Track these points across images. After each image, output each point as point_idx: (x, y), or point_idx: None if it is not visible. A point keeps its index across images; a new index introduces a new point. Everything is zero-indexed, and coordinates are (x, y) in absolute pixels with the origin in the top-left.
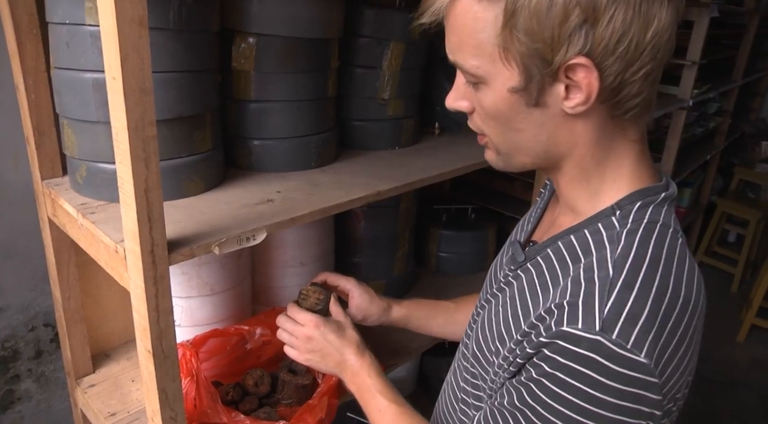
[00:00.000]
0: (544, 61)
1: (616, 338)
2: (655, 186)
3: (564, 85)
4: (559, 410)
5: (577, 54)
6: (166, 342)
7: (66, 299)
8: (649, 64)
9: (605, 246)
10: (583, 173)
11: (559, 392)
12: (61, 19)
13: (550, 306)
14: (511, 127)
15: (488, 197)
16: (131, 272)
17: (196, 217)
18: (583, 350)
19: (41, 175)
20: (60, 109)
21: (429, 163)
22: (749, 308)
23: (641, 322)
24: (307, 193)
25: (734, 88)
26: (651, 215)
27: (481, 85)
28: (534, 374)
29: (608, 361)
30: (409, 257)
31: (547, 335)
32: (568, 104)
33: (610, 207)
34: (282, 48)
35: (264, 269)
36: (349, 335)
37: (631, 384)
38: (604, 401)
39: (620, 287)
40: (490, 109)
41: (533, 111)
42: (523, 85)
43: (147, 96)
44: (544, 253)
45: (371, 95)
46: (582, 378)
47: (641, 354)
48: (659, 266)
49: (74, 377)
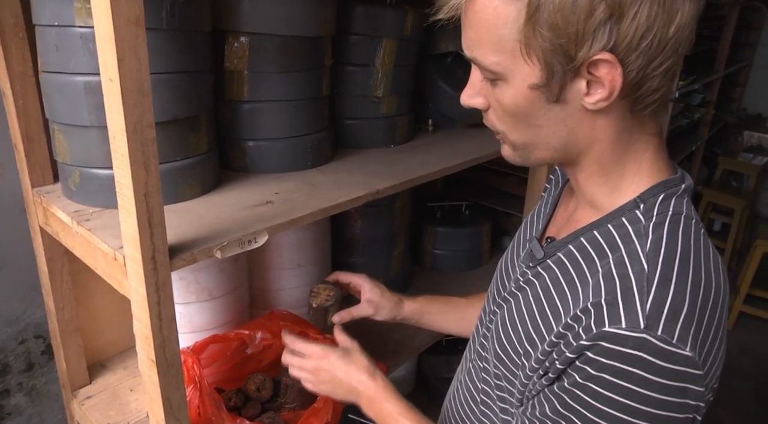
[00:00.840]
0: (567, 56)
1: (661, 335)
2: (674, 178)
3: (586, 80)
4: (607, 412)
5: (601, 50)
6: (170, 350)
7: (60, 309)
8: (670, 59)
9: (633, 240)
10: (603, 169)
11: (606, 393)
12: (49, 21)
13: (586, 306)
14: (530, 123)
15: (481, 193)
16: (132, 279)
17: (195, 221)
18: (629, 349)
19: (31, 183)
20: (50, 114)
21: (426, 160)
22: (737, 296)
23: (683, 316)
24: (306, 194)
25: (717, 79)
26: (675, 207)
27: (499, 82)
28: (578, 379)
29: (655, 357)
30: (406, 255)
31: (587, 337)
32: (590, 100)
33: (633, 201)
34: (275, 47)
35: (261, 272)
36: (357, 359)
37: (678, 379)
38: (651, 399)
39: (658, 283)
40: (509, 105)
41: (553, 107)
42: (545, 82)
43: (145, 97)
44: (565, 249)
45: (365, 93)
46: (629, 377)
47: (686, 348)
48: (690, 259)
49: (70, 388)
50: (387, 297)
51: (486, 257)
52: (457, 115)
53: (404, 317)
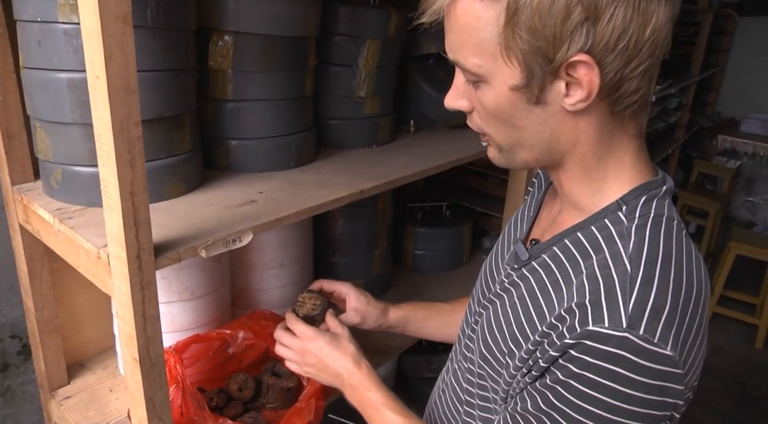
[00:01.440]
0: (545, 58)
1: (643, 334)
2: (655, 180)
3: (565, 82)
4: (589, 409)
5: (578, 51)
6: (153, 349)
7: (39, 309)
8: (647, 61)
9: (616, 241)
10: (586, 170)
11: (588, 391)
12: (32, 16)
13: (570, 306)
14: (513, 125)
15: (462, 194)
16: (116, 278)
17: (179, 220)
18: (612, 347)
19: (11, 181)
20: (32, 111)
21: (408, 161)
22: (710, 297)
23: (664, 316)
24: (290, 194)
25: (692, 83)
26: (656, 209)
27: (481, 84)
28: (560, 376)
29: (636, 356)
30: (387, 256)
31: (571, 336)
32: (569, 101)
33: (615, 202)
34: (259, 46)
35: (244, 271)
36: (345, 346)
37: (658, 377)
38: (632, 397)
39: (640, 282)
40: (491, 107)
41: (534, 108)
42: (525, 83)
43: (132, 95)
44: (550, 251)
45: (347, 93)
46: (611, 375)
47: (667, 347)
48: (672, 259)
49: (48, 389)
50: (373, 305)
51: (466, 258)
52: (439, 117)
53: (390, 324)
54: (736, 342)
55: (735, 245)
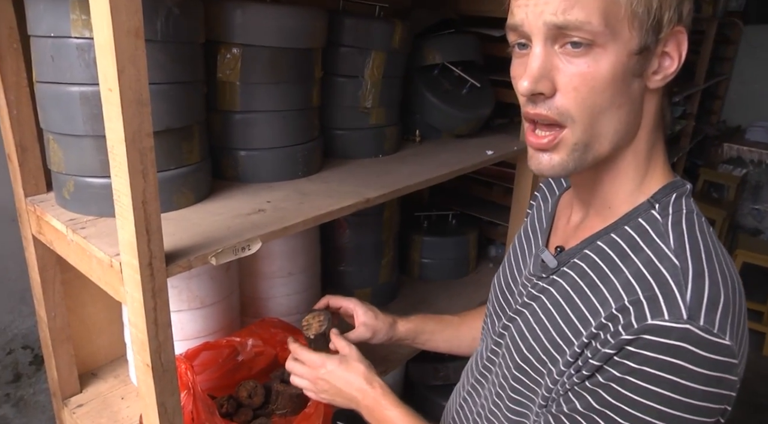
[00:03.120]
0: (657, 25)
1: (704, 325)
2: (679, 179)
3: (658, 56)
4: (647, 405)
5: (677, 23)
6: (165, 356)
7: (51, 318)
8: None
9: (655, 240)
10: (635, 163)
11: (648, 386)
12: (46, 32)
13: (623, 304)
14: (611, 102)
15: (467, 203)
16: (128, 285)
17: (189, 229)
18: (673, 340)
19: (25, 192)
20: (45, 124)
21: (414, 170)
22: None
23: (721, 306)
24: (297, 203)
25: (697, 91)
26: (687, 206)
27: (594, 49)
28: (617, 374)
29: (698, 347)
30: (394, 265)
31: (628, 332)
32: (657, 77)
33: (647, 202)
34: (267, 58)
35: (252, 280)
36: (355, 367)
37: (718, 368)
38: (692, 390)
39: (693, 276)
40: (603, 77)
41: (633, 82)
42: (639, 50)
43: (144, 107)
44: (581, 254)
45: (353, 104)
46: (672, 369)
47: (726, 337)
48: (713, 254)
49: (60, 397)
50: (381, 319)
51: (472, 266)
52: (444, 127)
53: (399, 337)
54: None
55: (742, 253)
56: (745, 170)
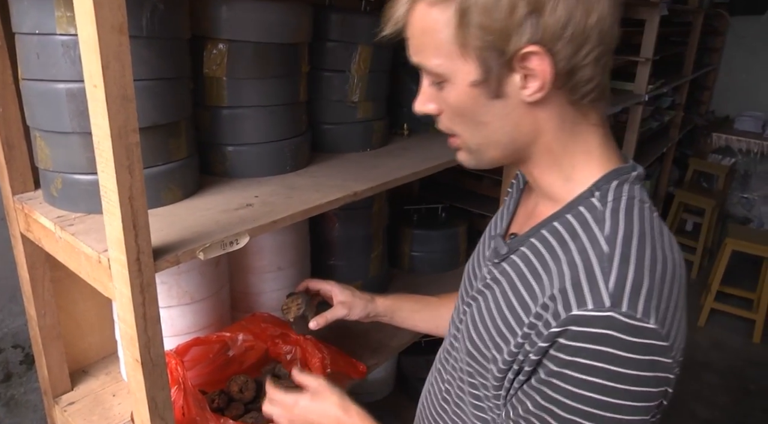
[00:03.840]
0: (498, 52)
1: (627, 311)
2: (626, 166)
3: (520, 74)
4: (586, 395)
5: (527, 43)
6: (155, 350)
7: (41, 316)
8: (597, 49)
9: (592, 227)
10: (554, 159)
11: (582, 377)
12: (30, 29)
13: (552, 293)
14: (477, 121)
15: (457, 196)
16: (116, 281)
17: (177, 224)
18: (599, 328)
19: (12, 190)
20: (31, 121)
21: (402, 163)
22: (708, 293)
23: (644, 291)
24: (285, 197)
25: (685, 82)
26: (628, 192)
27: (444, 84)
28: (554, 367)
29: (623, 333)
30: (384, 258)
31: (557, 323)
32: (526, 93)
33: (588, 190)
34: (253, 54)
35: (242, 275)
36: (328, 397)
37: (647, 352)
38: (625, 376)
39: (618, 262)
40: (455, 105)
41: (495, 103)
42: (483, 78)
43: (129, 103)
44: (528, 243)
45: (341, 98)
46: (602, 357)
47: (650, 321)
48: (647, 238)
49: (51, 395)
50: (358, 296)
51: (462, 258)
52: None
53: (377, 313)
54: (733, 337)
55: (731, 241)
56: (734, 160)
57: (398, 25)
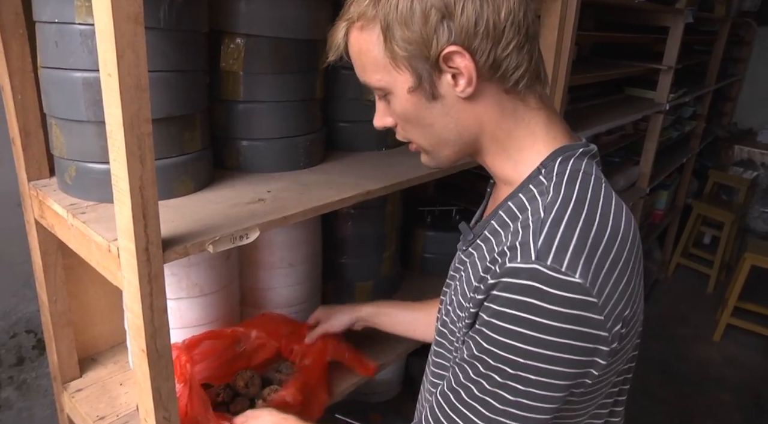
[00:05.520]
0: (424, 58)
1: (551, 264)
2: (574, 144)
3: (450, 74)
4: (513, 345)
5: (446, 43)
6: (160, 341)
7: (53, 302)
8: (515, 39)
9: (537, 199)
10: (500, 146)
11: (509, 326)
12: (50, 18)
13: (493, 256)
14: (424, 124)
15: (471, 199)
16: (125, 270)
17: (187, 216)
18: (523, 279)
19: (28, 177)
20: (48, 109)
21: (417, 164)
22: (725, 308)
23: (571, 248)
24: (297, 193)
25: (708, 92)
26: (572, 166)
27: (389, 96)
28: (485, 317)
29: (546, 285)
30: (396, 258)
31: (493, 278)
32: (458, 90)
33: (537, 169)
34: (270, 49)
35: (252, 270)
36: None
37: (571, 306)
38: (549, 327)
39: (550, 224)
40: (401, 112)
41: (435, 104)
42: (417, 84)
43: (143, 93)
44: (489, 226)
45: (357, 96)
46: (526, 307)
47: (575, 275)
48: (585, 204)
49: (60, 381)
50: (338, 308)
51: None
52: None
53: (360, 317)
54: (750, 354)
55: (750, 256)
56: (756, 173)
57: (339, 50)
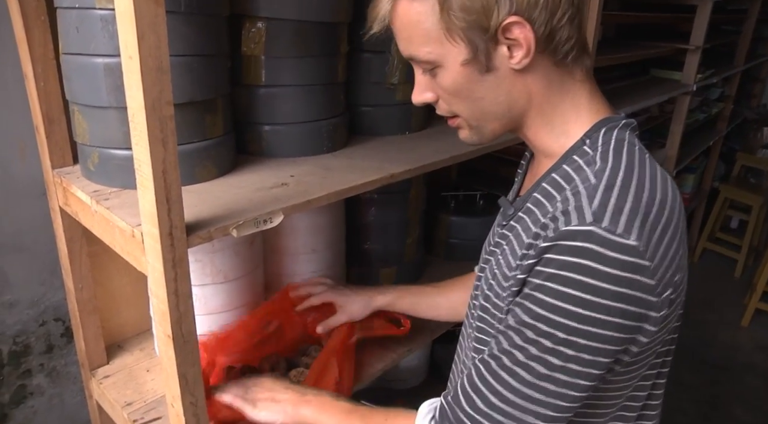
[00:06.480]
0: (482, 29)
1: (607, 226)
2: (615, 117)
3: (506, 46)
4: (567, 309)
5: (507, 14)
6: (186, 326)
7: (79, 290)
8: (570, 10)
9: (584, 169)
10: (546, 119)
11: (563, 289)
12: (71, 3)
13: (545, 222)
14: (474, 97)
15: (494, 183)
16: (149, 255)
17: (211, 201)
18: (579, 242)
19: (52, 164)
20: (70, 95)
21: (440, 147)
22: (753, 293)
23: (626, 211)
24: (320, 177)
25: (737, 73)
26: (617, 136)
27: (437, 70)
28: (538, 281)
29: (602, 247)
30: (419, 244)
31: (545, 241)
32: (514, 61)
33: (580, 140)
34: (292, 32)
35: (276, 256)
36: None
37: (625, 268)
38: (604, 290)
39: (603, 189)
40: (451, 87)
41: (487, 77)
42: (472, 56)
43: (164, 75)
44: (532, 198)
45: (380, 80)
46: (581, 270)
47: (630, 238)
48: (634, 170)
49: (88, 368)
50: (355, 298)
51: None
52: None
53: (378, 308)
54: None
55: None
56: None
57: (384, 22)
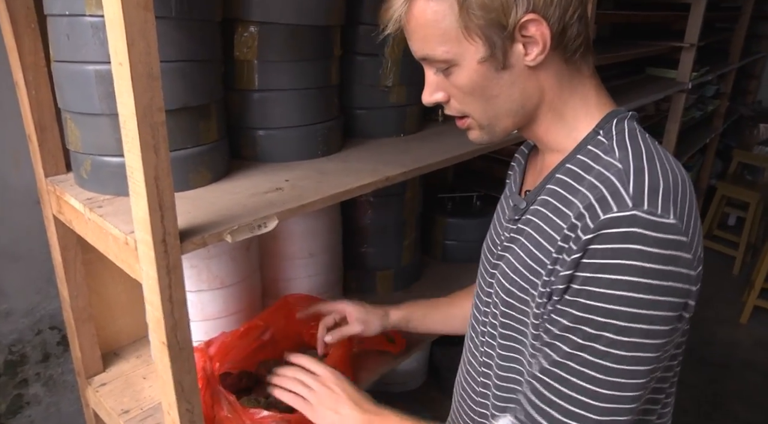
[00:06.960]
0: (501, 27)
1: (648, 208)
2: (621, 109)
3: (521, 43)
4: (619, 295)
5: (525, 12)
6: (181, 334)
7: (74, 298)
8: (580, 7)
9: (603, 157)
10: (557, 115)
11: (615, 277)
12: (61, 10)
13: (579, 212)
14: (488, 96)
15: (491, 185)
16: (143, 262)
17: (204, 207)
18: (624, 227)
19: (45, 173)
20: (62, 103)
21: (435, 149)
22: (751, 290)
23: (661, 192)
24: (315, 181)
25: (731, 70)
26: (628, 125)
27: (452, 69)
28: (588, 275)
29: (647, 229)
30: (416, 246)
31: (587, 233)
32: (529, 58)
33: (593, 131)
34: (284, 36)
35: (273, 261)
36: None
37: (669, 246)
38: (654, 271)
39: (633, 173)
40: (467, 85)
41: (503, 74)
42: (490, 53)
43: (155, 81)
44: (545, 190)
45: (374, 83)
46: (629, 254)
47: (670, 217)
48: (654, 155)
49: (84, 376)
50: (372, 313)
51: None
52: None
53: (393, 325)
54: None
55: None
56: None
57: (398, 23)
